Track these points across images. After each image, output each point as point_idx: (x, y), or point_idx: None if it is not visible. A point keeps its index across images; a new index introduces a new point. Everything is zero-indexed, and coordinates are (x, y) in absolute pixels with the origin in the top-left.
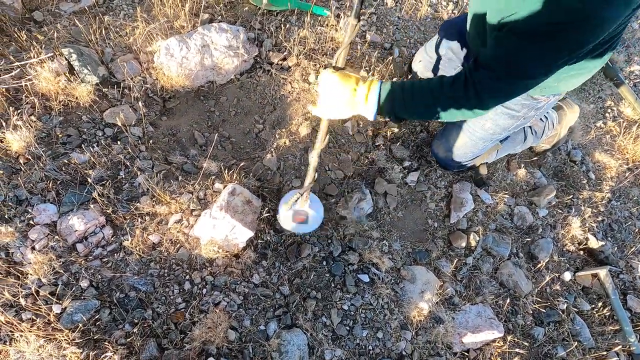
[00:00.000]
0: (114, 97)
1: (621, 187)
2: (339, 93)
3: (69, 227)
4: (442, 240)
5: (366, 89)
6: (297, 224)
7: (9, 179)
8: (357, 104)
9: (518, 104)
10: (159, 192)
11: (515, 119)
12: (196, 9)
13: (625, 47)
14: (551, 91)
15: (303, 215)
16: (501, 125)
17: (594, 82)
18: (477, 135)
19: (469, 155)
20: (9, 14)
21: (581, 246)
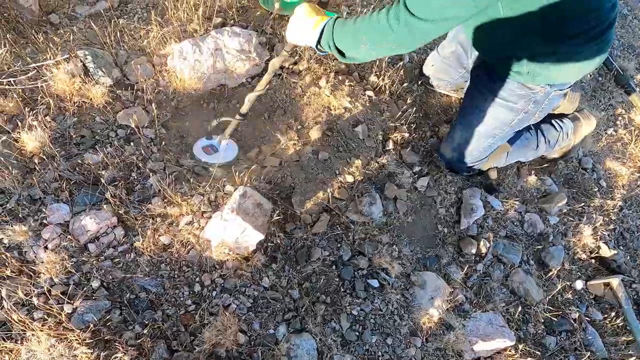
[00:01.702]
0: (127, 99)
1: (633, 195)
2: (300, 18)
3: (81, 227)
4: (452, 246)
5: (319, 19)
6: (204, 154)
7: (24, 179)
8: (307, 28)
9: (513, 94)
10: (171, 194)
11: (514, 112)
12: (209, 13)
13: (635, 54)
14: (542, 80)
15: (213, 148)
16: (501, 119)
17: (604, 89)
18: (480, 131)
19: (475, 154)
20: (26, 16)
21: (593, 254)
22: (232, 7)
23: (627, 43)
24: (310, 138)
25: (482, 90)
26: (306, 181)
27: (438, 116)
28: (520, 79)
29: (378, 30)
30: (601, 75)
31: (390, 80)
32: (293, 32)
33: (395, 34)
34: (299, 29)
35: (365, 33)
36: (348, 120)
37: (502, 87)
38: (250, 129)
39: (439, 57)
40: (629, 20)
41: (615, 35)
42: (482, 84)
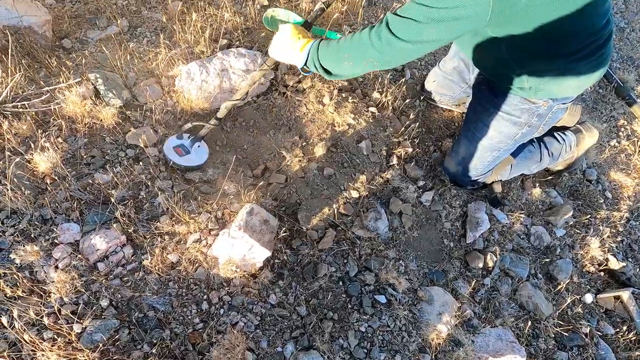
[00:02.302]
0: (136, 120)
1: (639, 206)
2: (287, 40)
3: (91, 246)
4: (459, 260)
5: (305, 42)
6: (175, 154)
7: (35, 199)
8: (294, 50)
9: (517, 108)
10: (179, 212)
11: (518, 125)
12: (215, 35)
13: (635, 66)
14: (545, 94)
15: (184, 150)
16: (505, 133)
17: (605, 101)
18: (484, 144)
19: (479, 168)
20: (40, 42)
21: (601, 267)
22: (237, 29)
23: (626, 55)
24: (315, 154)
25: (485, 105)
26: (312, 197)
27: (441, 131)
28: (522, 94)
29: (360, 48)
30: (602, 87)
31: (392, 96)
32: (278, 51)
33: (377, 51)
34: (285, 49)
35: (348, 51)
36: (352, 137)
37: (505, 101)
38: (255, 146)
39: (441, 73)
40: (627, 32)
41: (613, 48)
42: (485, 99)
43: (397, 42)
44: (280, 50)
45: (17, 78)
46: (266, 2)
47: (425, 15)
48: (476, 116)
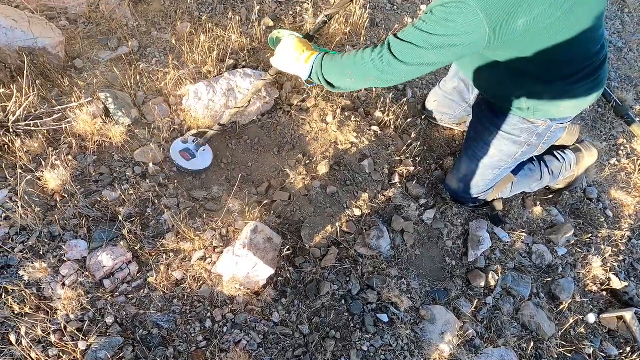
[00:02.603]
0: (144, 137)
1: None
2: (291, 51)
3: (97, 263)
4: (461, 279)
5: (309, 54)
6: (181, 158)
7: (45, 216)
8: (298, 62)
9: (516, 128)
10: (184, 229)
11: (518, 144)
12: (222, 55)
13: (633, 85)
14: (543, 115)
15: (190, 153)
16: (505, 152)
17: (604, 120)
18: (485, 163)
19: (480, 185)
20: (53, 62)
21: (604, 286)
22: (243, 49)
23: (624, 75)
24: (318, 172)
25: (485, 124)
26: (315, 215)
27: (442, 149)
28: (521, 114)
29: (363, 67)
30: (600, 106)
31: (394, 115)
32: (281, 61)
33: (379, 71)
34: (289, 61)
35: (351, 68)
36: (355, 155)
37: (505, 121)
38: (260, 163)
39: (441, 93)
40: (625, 52)
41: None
42: (485, 118)
43: (398, 64)
44: (284, 61)
45: (31, 98)
46: (271, 24)
47: (424, 41)
48: (477, 135)
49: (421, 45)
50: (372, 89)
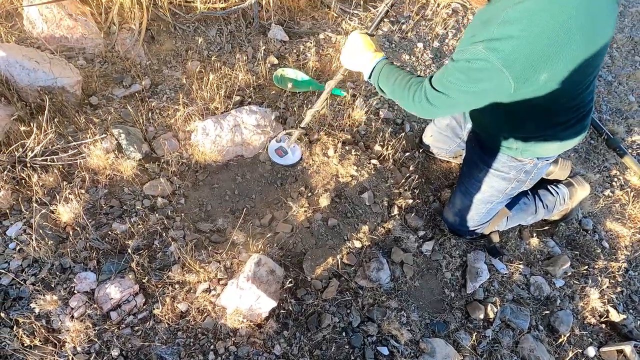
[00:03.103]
0: (153, 171)
1: (637, 256)
2: (357, 49)
3: (105, 295)
4: (460, 311)
5: (374, 55)
6: (276, 155)
7: (56, 248)
8: (363, 61)
9: (505, 166)
10: (190, 261)
11: (507, 180)
12: (229, 92)
13: (624, 118)
14: (530, 154)
15: (282, 151)
16: (496, 187)
17: (597, 152)
18: (477, 198)
19: (475, 219)
20: (70, 99)
21: (602, 319)
22: (249, 86)
23: (615, 107)
24: (320, 205)
25: (476, 162)
26: (316, 247)
27: (440, 181)
28: (510, 153)
29: (406, 102)
30: (593, 138)
31: (393, 149)
32: (350, 59)
33: (417, 109)
34: (356, 59)
35: (399, 97)
36: (355, 188)
37: (495, 159)
38: (263, 195)
39: (436, 129)
40: (614, 86)
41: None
42: (476, 156)
43: (433, 108)
44: (351, 58)
45: (50, 137)
46: (276, 62)
47: (454, 90)
48: (469, 172)
49: (452, 95)
50: (372, 123)
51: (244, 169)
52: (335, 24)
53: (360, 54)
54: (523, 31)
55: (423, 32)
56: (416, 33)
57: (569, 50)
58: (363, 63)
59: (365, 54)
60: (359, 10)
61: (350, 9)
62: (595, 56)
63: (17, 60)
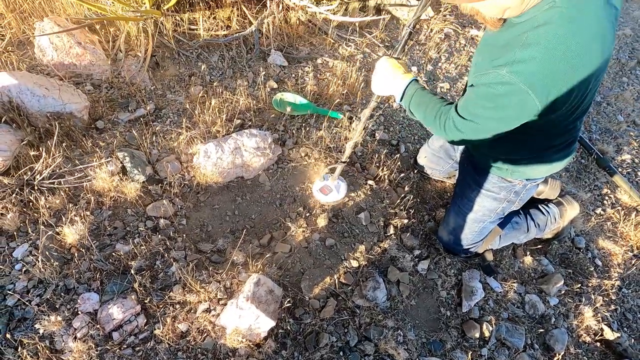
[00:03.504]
0: (156, 193)
1: (629, 274)
2: (386, 74)
3: (108, 315)
4: (456, 330)
5: (403, 77)
6: (321, 194)
7: (61, 269)
8: (394, 86)
9: (496, 186)
10: (191, 281)
11: (498, 200)
12: (230, 115)
13: (613, 138)
14: (519, 176)
15: (327, 189)
16: (487, 207)
17: (588, 170)
18: (470, 217)
19: (469, 237)
20: (78, 124)
21: (597, 337)
22: (250, 110)
23: (604, 127)
24: (317, 225)
25: (469, 182)
26: (314, 267)
27: (434, 201)
28: (500, 174)
29: (437, 130)
30: (583, 157)
31: (389, 170)
32: (380, 85)
33: (447, 137)
34: (387, 84)
35: (430, 124)
36: (352, 208)
37: (486, 180)
38: (263, 216)
39: (430, 150)
40: (603, 107)
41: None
42: (469, 177)
43: (462, 135)
44: (382, 85)
45: (58, 160)
46: (275, 86)
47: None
48: (462, 192)
49: (478, 122)
50: (368, 144)
51: (244, 190)
52: (332, 50)
53: (390, 79)
54: (546, 53)
55: (417, 56)
56: (410, 57)
57: (583, 73)
58: (394, 87)
59: (395, 78)
60: (355, 36)
61: (347, 35)
62: (599, 78)
63: (28, 87)
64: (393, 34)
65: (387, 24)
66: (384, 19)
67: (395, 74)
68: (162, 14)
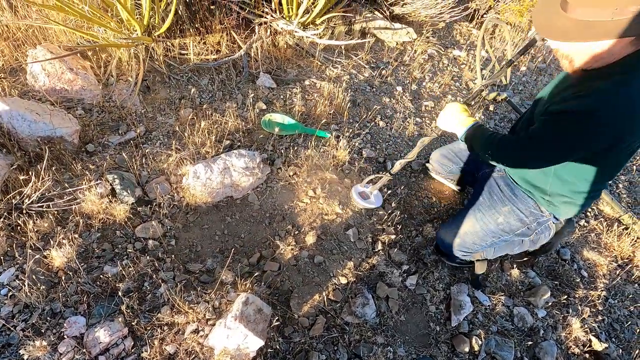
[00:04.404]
0: (145, 214)
1: (615, 284)
2: (453, 113)
3: (94, 339)
4: (446, 344)
5: (468, 120)
6: (359, 197)
7: (48, 293)
8: (458, 124)
9: (527, 210)
10: (179, 302)
11: (523, 223)
12: (220, 136)
13: None
14: (552, 210)
15: (366, 195)
16: (511, 225)
17: None
18: (490, 228)
19: (475, 247)
20: (68, 147)
21: (586, 348)
22: (239, 131)
23: None
24: (306, 243)
25: (502, 198)
26: (303, 284)
27: (422, 216)
28: (539, 202)
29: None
30: None
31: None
32: (446, 122)
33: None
34: (452, 121)
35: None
36: (340, 225)
37: (523, 202)
38: (252, 234)
39: (447, 148)
40: None
41: None
42: (504, 194)
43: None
44: (448, 122)
45: (47, 184)
46: (264, 107)
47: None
48: (491, 203)
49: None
50: (355, 162)
51: (233, 209)
52: (319, 71)
53: (455, 117)
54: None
55: (402, 76)
56: (395, 77)
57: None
58: (457, 127)
59: (460, 117)
60: (342, 58)
61: (333, 57)
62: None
63: (19, 112)
64: (378, 55)
65: (372, 46)
66: (369, 42)
67: (460, 115)
68: (153, 40)
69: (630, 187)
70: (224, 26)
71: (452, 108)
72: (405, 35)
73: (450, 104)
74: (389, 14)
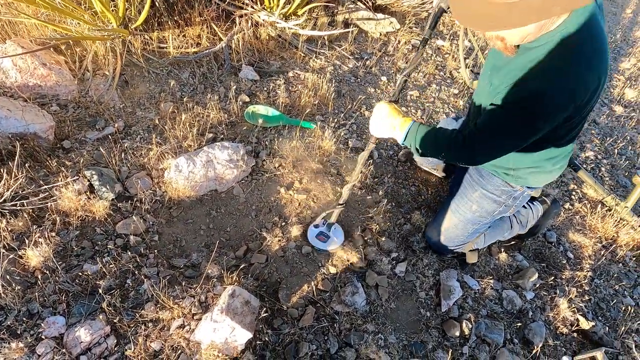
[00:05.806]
0: (126, 210)
1: (600, 264)
2: (386, 118)
3: (75, 338)
4: (436, 330)
5: (403, 122)
6: (318, 241)
7: (24, 294)
8: (394, 129)
9: (498, 189)
10: (164, 298)
11: (497, 204)
12: (202, 130)
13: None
14: (522, 182)
15: (325, 235)
16: (486, 209)
17: None
18: (467, 217)
19: (461, 238)
20: (42, 144)
21: (574, 328)
22: (222, 123)
23: None
24: (291, 234)
25: (471, 183)
26: (291, 275)
27: (409, 204)
28: (506, 178)
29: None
30: None
31: (363, 175)
32: (379, 128)
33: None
34: (385, 127)
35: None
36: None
37: (490, 182)
38: (238, 228)
39: None
40: None
41: None
42: (472, 179)
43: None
44: (381, 127)
45: (20, 181)
46: (247, 99)
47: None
48: (462, 191)
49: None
50: (341, 152)
51: (218, 202)
52: (303, 63)
53: (389, 122)
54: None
55: (386, 67)
56: (379, 67)
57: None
58: (394, 132)
59: (394, 121)
60: (325, 50)
61: (317, 48)
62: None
63: None
64: (362, 46)
65: (356, 36)
66: (352, 32)
67: (394, 118)
68: (130, 33)
69: (612, 170)
70: (204, 18)
71: (381, 111)
72: (389, 25)
73: (378, 106)
74: (372, 4)
